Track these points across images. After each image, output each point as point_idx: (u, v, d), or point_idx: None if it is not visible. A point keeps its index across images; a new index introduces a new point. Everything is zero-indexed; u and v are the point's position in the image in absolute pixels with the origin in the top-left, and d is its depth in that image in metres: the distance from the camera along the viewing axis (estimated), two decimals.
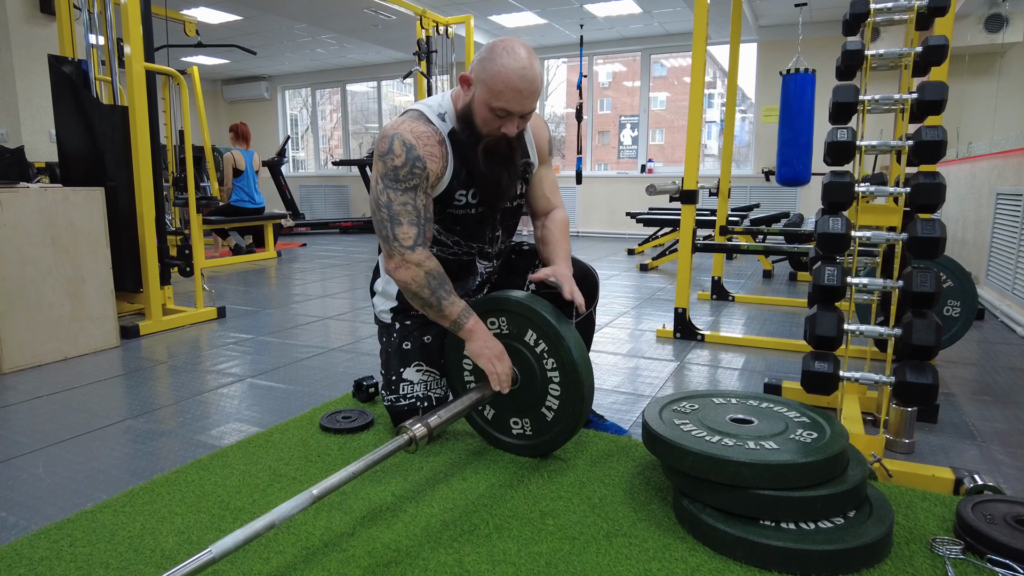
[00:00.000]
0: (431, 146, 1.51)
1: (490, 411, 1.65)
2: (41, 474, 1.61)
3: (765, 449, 1.22)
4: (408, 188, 1.49)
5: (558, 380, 1.50)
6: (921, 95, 1.54)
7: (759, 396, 1.50)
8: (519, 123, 1.49)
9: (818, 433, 1.30)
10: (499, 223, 1.71)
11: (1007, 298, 3.39)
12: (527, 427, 1.59)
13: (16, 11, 4.38)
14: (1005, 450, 1.75)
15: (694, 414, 1.41)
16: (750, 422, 1.36)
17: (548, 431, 1.55)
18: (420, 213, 1.51)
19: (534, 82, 1.42)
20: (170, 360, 2.65)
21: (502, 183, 1.56)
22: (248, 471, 1.54)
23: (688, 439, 1.26)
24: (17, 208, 2.48)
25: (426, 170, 1.49)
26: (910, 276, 1.48)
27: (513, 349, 1.55)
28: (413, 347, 1.71)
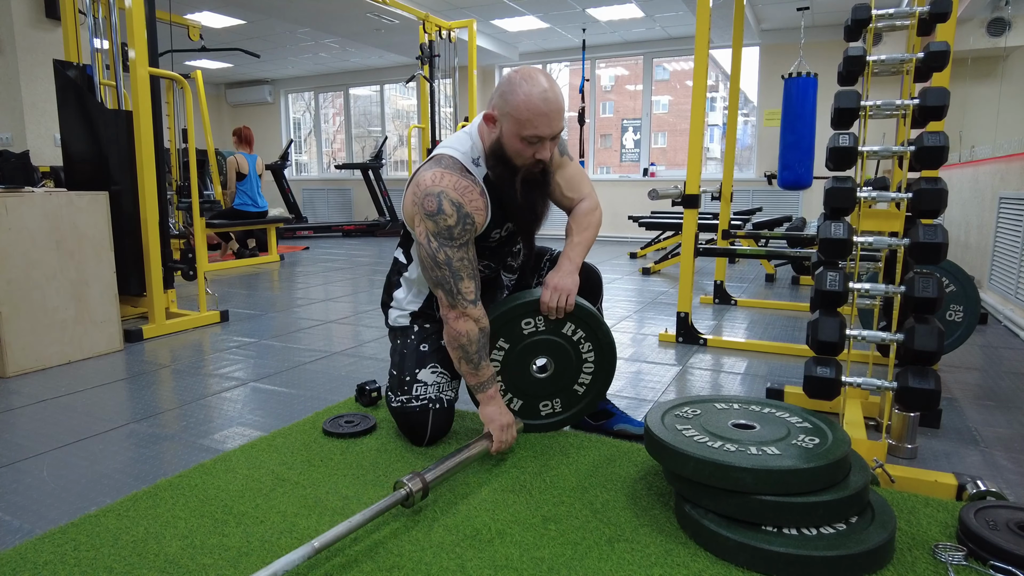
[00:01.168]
0: (475, 200, 1.56)
1: (517, 403, 1.76)
2: (45, 478, 1.62)
3: (767, 455, 1.22)
4: (462, 244, 1.56)
5: (593, 359, 1.73)
6: (923, 100, 1.54)
7: (761, 401, 1.51)
8: (551, 145, 1.53)
9: (820, 439, 1.30)
10: (526, 242, 1.78)
11: (1010, 302, 3.39)
12: (557, 405, 1.75)
13: (21, 16, 4.40)
14: (1008, 455, 1.75)
15: (696, 419, 1.41)
16: (752, 427, 1.36)
17: (579, 403, 1.77)
18: (474, 265, 1.59)
19: (558, 103, 1.48)
20: (173, 364, 2.66)
21: (537, 209, 1.63)
22: (251, 475, 1.54)
23: (690, 444, 1.27)
24: (22, 212, 2.50)
25: (475, 225, 1.57)
26: (912, 281, 1.48)
27: (548, 342, 1.70)
28: (431, 349, 1.73)
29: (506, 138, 1.52)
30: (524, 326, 1.69)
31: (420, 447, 1.72)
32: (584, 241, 1.72)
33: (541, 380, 1.73)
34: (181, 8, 6.37)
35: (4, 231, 2.44)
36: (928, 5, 1.59)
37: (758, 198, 7.68)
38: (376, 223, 8.78)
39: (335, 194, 10.61)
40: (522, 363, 1.72)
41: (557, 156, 1.74)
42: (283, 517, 1.35)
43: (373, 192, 8.69)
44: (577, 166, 1.80)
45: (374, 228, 8.79)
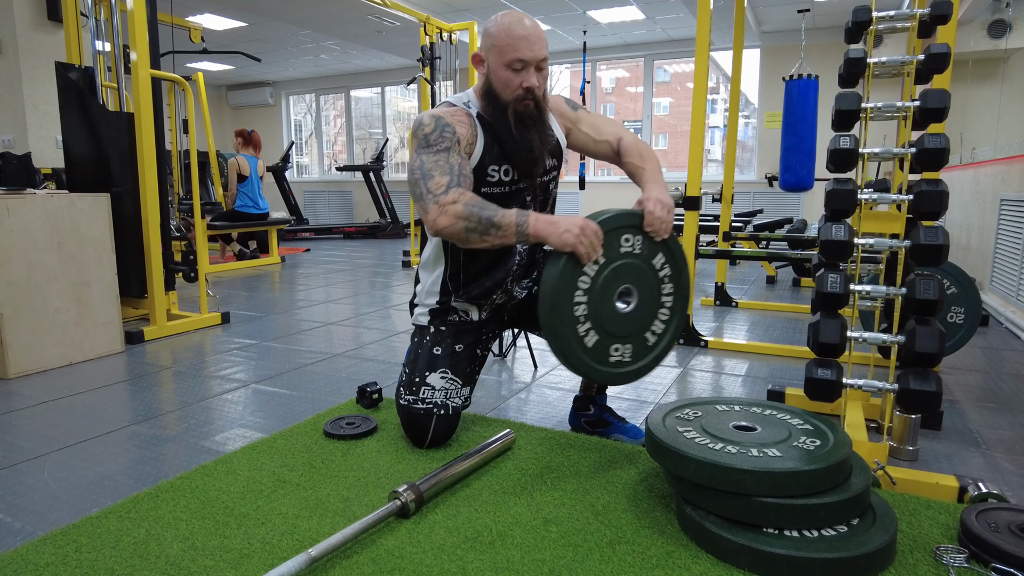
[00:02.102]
0: (459, 116, 1.59)
1: (593, 337, 1.49)
2: (47, 479, 1.62)
3: (768, 456, 1.22)
4: (440, 150, 1.53)
5: (670, 305, 1.58)
6: (924, 103, 1.54)
7: (762, 403, 1.50)
8: (536, 75, 1.55)
9: (821, 440, 1.30)
10: (534, 200, 1.72)
11: (1012, 304, 3.38)
12: (626, 354, 1.54)
13: (24, 18, 4.41)
14: (1009, 457, 1.74)
15: (697, 421, 1.41)
16: (753, 429, 1.36)
17: (645, 356, 1.57)
18: (454, 168, 1.51)
19: (537, 28, 1.54)
20: (174, 365, 2.66)
21: (535, 148, 1.61)
22: (252, 477, 1.54)
23: (691, 446, 1.27)
24: (24, 214, 2.50)
25: (456, 134, 1.54)
26: (913, 283, 1.48)
27: (639, 269, 1.52)
28: (443, 353, 1.72)
29: (493, 72, 1.56)
30: (623, 242, 1.49)
31: (419, 448, 1.72)
32: (657, 168, 1.65)
33: (620, 315, 1.52)
34: (182, 10, 6.38)
35: (5, 233, 2.44)
36: (929, 7, 1.59)
37: (759, 200, 7.69)
38: (377, 225, 8.79)
39: (336, 196, 10.62)
40: (608, 288, 1.49)
41: (570, 111, 1.76)
42: (284, 519, 1.35)
43: (374, 194, 8.69)
44: (595, 114, 1.80)
45: (375, 230, 8.79)
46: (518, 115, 1.57)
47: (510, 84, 1.54)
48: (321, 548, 1.16)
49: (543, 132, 1.63)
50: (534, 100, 1.58)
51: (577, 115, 1.78)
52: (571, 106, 1.79)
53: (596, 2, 6.31)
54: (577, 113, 1.78)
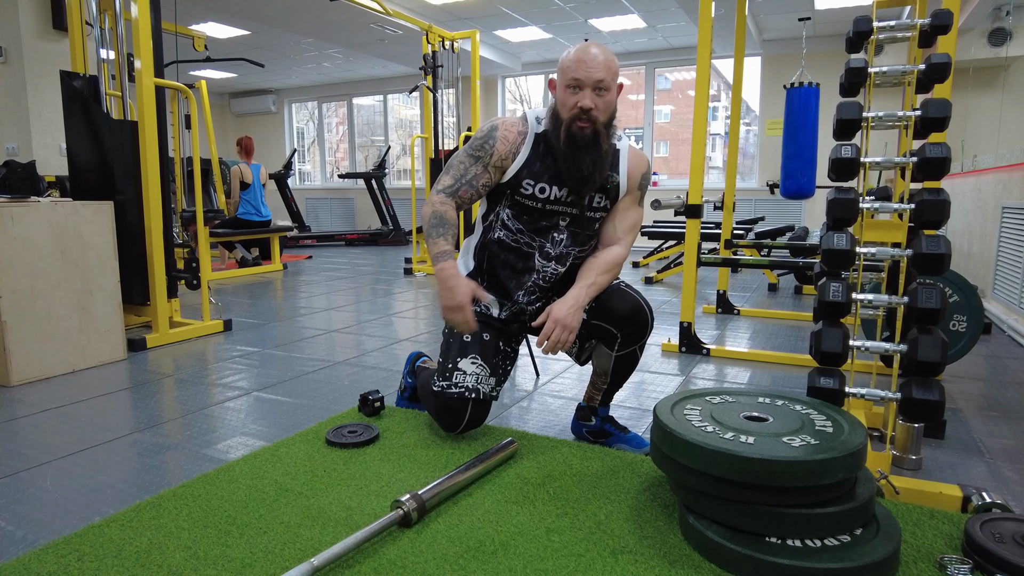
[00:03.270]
0: (509, 133, 1.72)
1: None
2: (49, 488, 1.62)
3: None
4: (473, 156, 1.73)
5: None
6: (925, 112, 1.55)
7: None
8: (592, 96, 1.59)
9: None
10: (567, 226, 1.75)
11: (1014, 312, 3.38)
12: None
13: (29, 27, 4.44)
14: (1013, 467, 1.74)
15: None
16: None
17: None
18: (465, 175, 1.73)
19: (597, 56, 1.59)
20: (176, 373, 2.66)
21: (583, 168, 1.65)
22: (254, 485, 1.54)
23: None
24: (28, 222, 2.51)
25: (493, 148, 1.71)
26: (915, 292, 1.48)
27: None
28: (472, 340, 1.78)
29: (557, 93, 1.66)
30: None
31: (452, 433, 1.81)
32: (600, 285, 1.71)
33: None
34: (186, 19, 6.42)
35: (9, 241, 2.45)
36: (929, 17, 1.60)
37: (760, 207, 7.70)
38: (379, 232, 8.81)
39: (338, 203, 10.65)
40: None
41: (636, 184, 1.77)
42: (286, 528, 1.35)
43: (376, 201, 8.72)
44: (639, 213, 1.82)
45: (377, 237, 8.81)
46: (570, 135, 1.63)
47: (567, 103, 1.62)
48: (323, 558, 1.15)
49: (596, 158, 1.65)
50: (592, 124, 1.62)
51: (637, 193, 1.80)
52: (643, 181, 1.80)
53: (597, 11, 6.34)
54: (638, 192, 1.81)
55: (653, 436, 1.36)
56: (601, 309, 1.74)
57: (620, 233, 1.79)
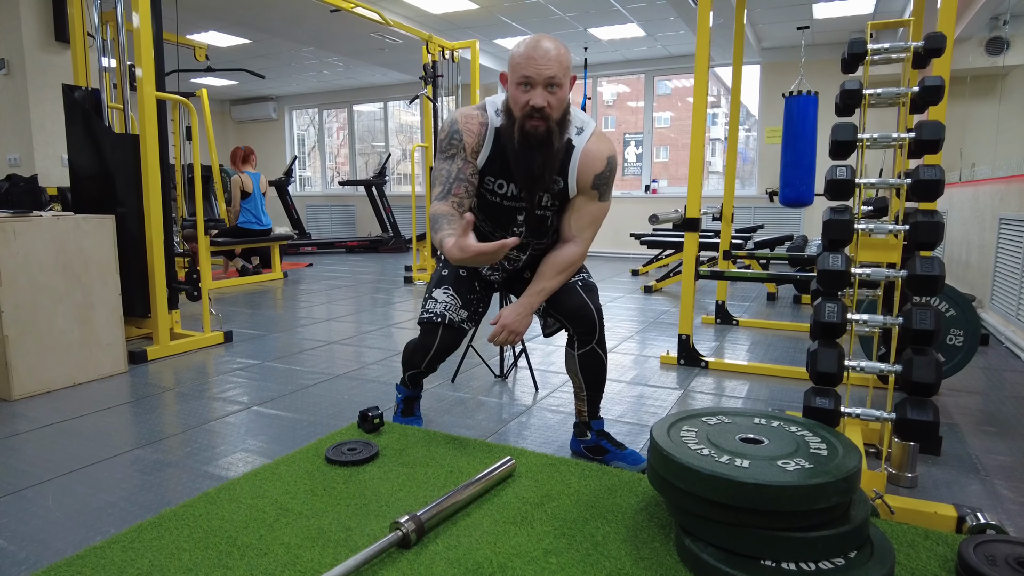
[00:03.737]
0: (472, 124, 1.73)
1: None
2: (51, 506, 1.63)
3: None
4: (447, 157, 1.74)
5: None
6: (919, 134, 1.56)
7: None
8: (544, 94, 1.57)
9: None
10: (527, 221, 1.82)
11: (1011, 324, 3.39)
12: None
13: (31, 39, 4.47)
14: (1008, 484, 1.75)
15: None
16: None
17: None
18: (450, 174, 1.73)
19: (548, 51, 1.56)
20: (177, 387, 2.67)
21: (534, 169, 1.65)
22: (255, 505, 1.56)
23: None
24: (30, 237, 2.53)
25: (462, 141, 1.72)
26: (910, 313, 1.50)
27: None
28: (448, 274, 1.92)
29: (509, 89, 1.64)
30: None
31: (426, 362, 1.92)
32: (548, 289, 1.78)
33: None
34: (187, 28, 6.45)
35: (12, 256, 2.47)
36: (923, 40, 1.62)
37: (760, 215, 7.71)
38: (379, 239, 8.83)
39: (339, 210, 10.67)
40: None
41: (589, 184, 1.74)
42: (287, 549, 1.36)
43: (376, 208, 8.74)
44: (599, 208, 1.79)
45: (377, 244, 8.83)
46: (524, 133, 1.62)
47: (518, 101, 1.61)
48: None
49: (547, 157, 1.65)
50: (545, 122, 1.60)
51: (591, 192, 1.77)
52: (596, 181, 1.75)
53: (597, 20, 6.37)
54: (593, 191, 1.77)
55: (650, 458, 1.37)
56: (553, 303, 1.82)
57: (576, 230, 1.79)
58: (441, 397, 2.51)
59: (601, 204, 1.80)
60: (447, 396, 2.52)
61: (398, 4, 5.92)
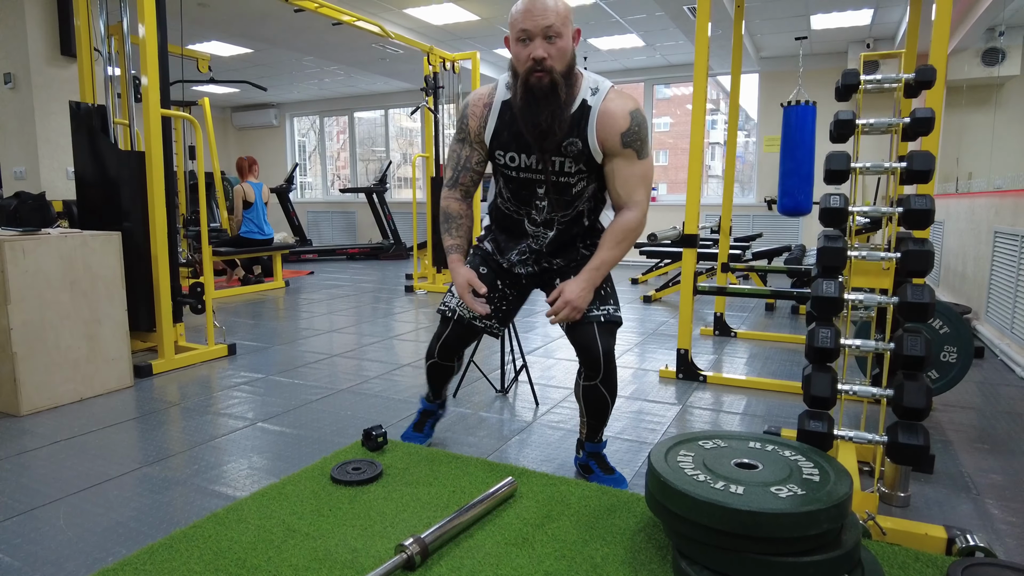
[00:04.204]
0: (477, 107, 1.76)
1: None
2: (62, 526, 1.67)
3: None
4: (458, 140, 1.82)
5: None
6: (910, 164, 1.60)
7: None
8: (544, 45, 1.55)
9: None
10: (545, 195, 1.75)
11: (1007, 337, 3.43)
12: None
13: (38, 53, 4.52)
14: (999, 504, 1.79)
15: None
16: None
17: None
18: (459, 161, 1.82)
19: (544, 2, 1.55)
20: (182, 402, 2.71)
21: (541, 119, 1.60)
22: (263, 526, 1.59)
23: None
24: (38, 255, 2.57)
25: (467, 127, 1.78)
26: (901, 339, 1.54)
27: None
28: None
29: (511, 49, 1.63)
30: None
31: (439, 354, 1.96)
32: (610, 261, 1.71)
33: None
34: (190, 38, 6.50)
35: (21, 274, 2.51)
36: (915, 73, 1.66)
37: (759, 223, 7.76)
38: (380, 246, 8.87)
39: (339, 217, 10.72)
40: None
41: (618, 141, 1.64)
42: (294, 571, 1.40)
43: (377, 215, 8.78)
44: (642, 167, 1.69)
45: (378, 251, 8.87)
46: (527, 87, 1.59)
47: (520, 57, 1.59)
48: None
49: (555, 109, 1.60)
50: (548, 74, 1.57)
51: (624, 151, 1.66)
52: (625, 139, 1.65)
53: (597, 31, 6.43)
54: (625, 150, 1.66)
55: (648, 483, 1.41)
56: (570, 327, 1.78)
57: (625, 196, 1.70)
58: None
59: (643, 162, 1.69)
60: (449, 411, 2.56)
61: (399, 16, 5.97)
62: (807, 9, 5.68)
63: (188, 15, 5.27)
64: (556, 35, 1.56)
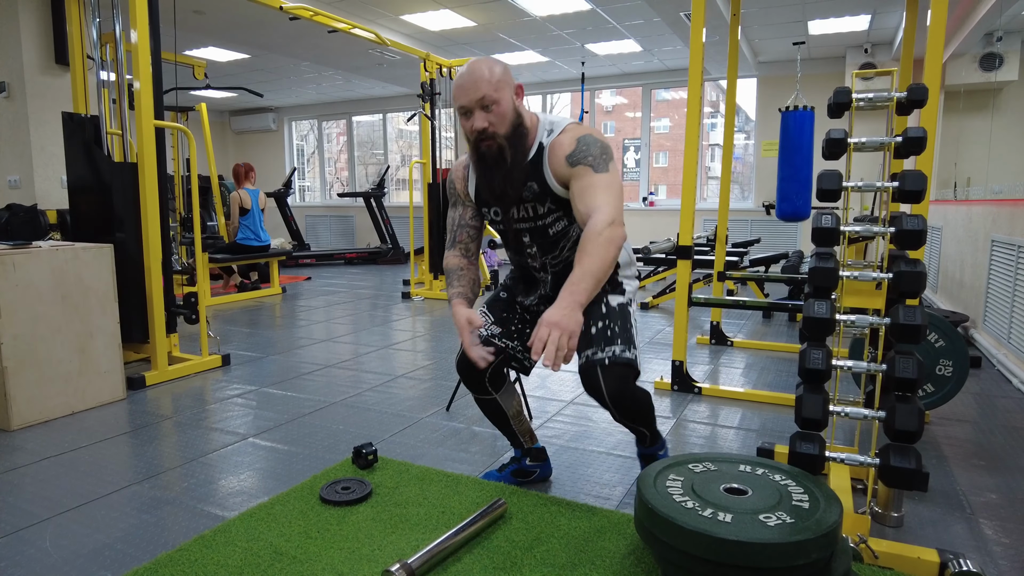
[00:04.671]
0: (459, 170, 1.85)
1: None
2: (48, 548, 1.65)
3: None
4: (451, 204, 1.89)
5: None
6: (902, 184, 1.59)
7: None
8: (483, 116, 1.59)
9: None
10: (531, 241, 1.79)
11: (1003, 346, 3.42)
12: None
13: (32, 62, 4.51)
14: (994, 524, 1.77)
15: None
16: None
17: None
18: (454, 221, 1.87)
19: (472, 74, 1.57)
20: (175, 415, 2.70)
21: (495, 185, 1.68)
22: (250, 548, 1.58)
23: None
24: (29, 268, 2.56)
25: (455, 189, 1.85)
26: (893, 361, 1.52)
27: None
28: (491, 296, 1.97)
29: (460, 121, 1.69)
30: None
31: (463, 376, 1.85)
32: (589, 271, 1.47)
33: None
34: (186, 44, 6.49)
35: (11, 287, 2.50)
36: (907, 92, 1.65)
37: (756, 228, 7.75)
38: (378, 251, 8.86)
39: (337, 221, 10.71)
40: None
41: (566, 164, 1.61)
42: None
43: (375, 220, 8.78)
44: (600, 178, 1.58)
45: (376, 256, 8.86)
46: (480, 156, 1.66)
47: (466, 129, 1.64)
48: None
49: (505, 173, 1.65)
50: (493, 139, 1.61)
51: (574, 171, 1.61)
52: (571, 159, 1.61)
53: (594, 36, 6.42)
54: (575, 169, 1.61)
55: (636, 509, 1.40)
56: (580, 367, 1.67)
57: (584, 207, 1.57)
58: (435, 427, 2.54)
59: (600, 175, 1.59)
60: (441, 426, 2.55)
61: (396, 22, 5.96)
62: (805, 15, 5.67)
63: (184, 22, 5.26)
64: (492, 103, 1.58)
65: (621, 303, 1.77)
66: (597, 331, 1.68)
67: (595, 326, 1.69)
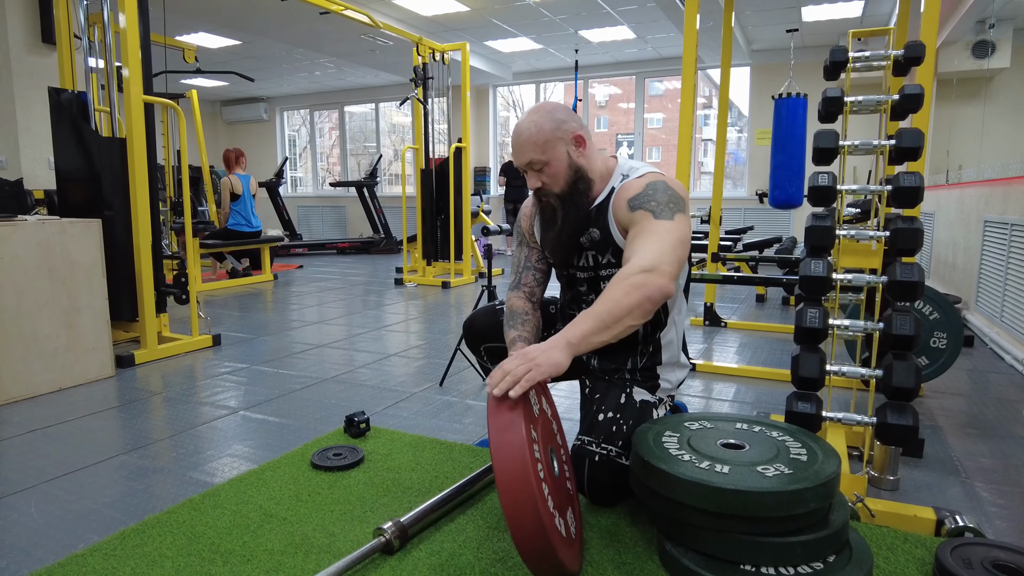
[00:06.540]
0: (527, 208, 1.80)
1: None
2: (33, 514, 1.62)
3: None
4: (517, 243, 1.84)
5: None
6: (899, 142, 1.58)
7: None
8: (535, 176, 1.58)
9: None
10: (588, 291, 1.70)
11: (996, 325, 3.43)
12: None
13: (18, 41, 4.44)
14: (988, 487, 1.77)
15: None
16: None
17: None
18: (519, 262, 1.82)
19: (519, 138, 1.56)
20: (164, 391, 2.66)
21: (551, 242, 1.69)
22: (239, 511, 1.55)
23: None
24: (15, 242, 2.51)
25: (521, 230, 1.81)
26: (890, 319, 1.51)
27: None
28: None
29: None
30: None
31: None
32: (594, 312, 1.33)
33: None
34: (177, 29, 6.42)
35: None
36: (904, 49, 1.64)
37: (750, 216, 7.75)
38: (370, 240, 8.82)
39: (330, 211, 10.65)
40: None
41: (627, 209, 1.53)
42: (270, 555, 1.36)
43: (368, 209, 8.73)
44: (656, 224, 1.46)
45: (368, 245, 8.82)
46: (541, 209, 1.66)
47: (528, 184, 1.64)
48: None
49: (560, 230, 1.63)
50: (548, 198, 1.61)
51: (633, 215, 1.52)
52: (633, 203, 1.53)
53: (588, 22, 6.39)
54: (634, 214, 1.51)
55: (631, 463, 1.38)
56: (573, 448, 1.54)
57: (630, 252, 1.46)
58: (429, 400, 2.51)
59: (659, 222, 1.46)
60: (435, 399, 2.52)
61: (388, 6, 5.92)
62: (798, 1, 5.66)
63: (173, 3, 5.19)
64: (542, 164, 1.55)
65: (646, 400, 1.60)
66: (604, 420, 1.54)
67: (605, 414, 1.55)
